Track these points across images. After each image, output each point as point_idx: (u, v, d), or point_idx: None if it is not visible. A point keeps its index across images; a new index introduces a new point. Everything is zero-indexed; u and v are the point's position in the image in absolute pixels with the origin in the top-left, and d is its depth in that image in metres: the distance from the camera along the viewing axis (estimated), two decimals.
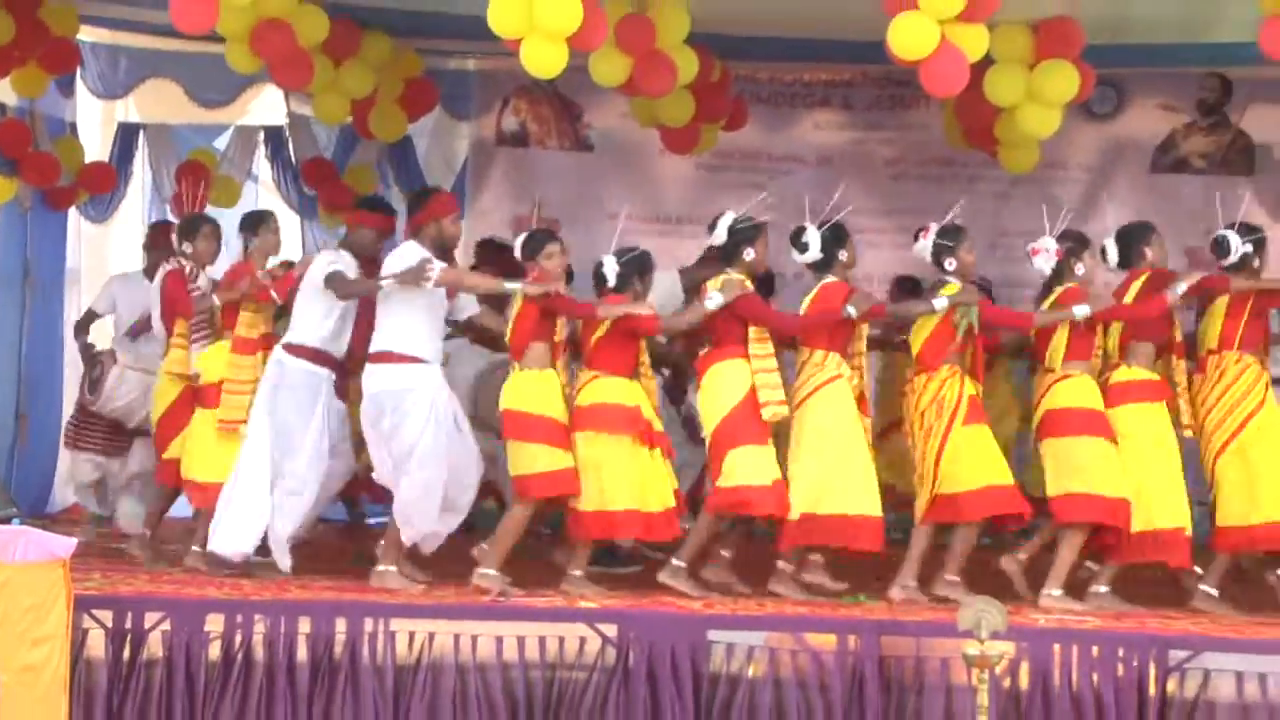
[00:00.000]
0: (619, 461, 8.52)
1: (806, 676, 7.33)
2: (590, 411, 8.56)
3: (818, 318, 8.62)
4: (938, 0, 7.76)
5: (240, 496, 8.66)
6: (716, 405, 8.59)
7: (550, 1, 7.86)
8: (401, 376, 8.48)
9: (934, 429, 8.57)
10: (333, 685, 7.42)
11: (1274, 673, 7.17)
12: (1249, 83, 11.68)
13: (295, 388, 8.70)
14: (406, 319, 8.49)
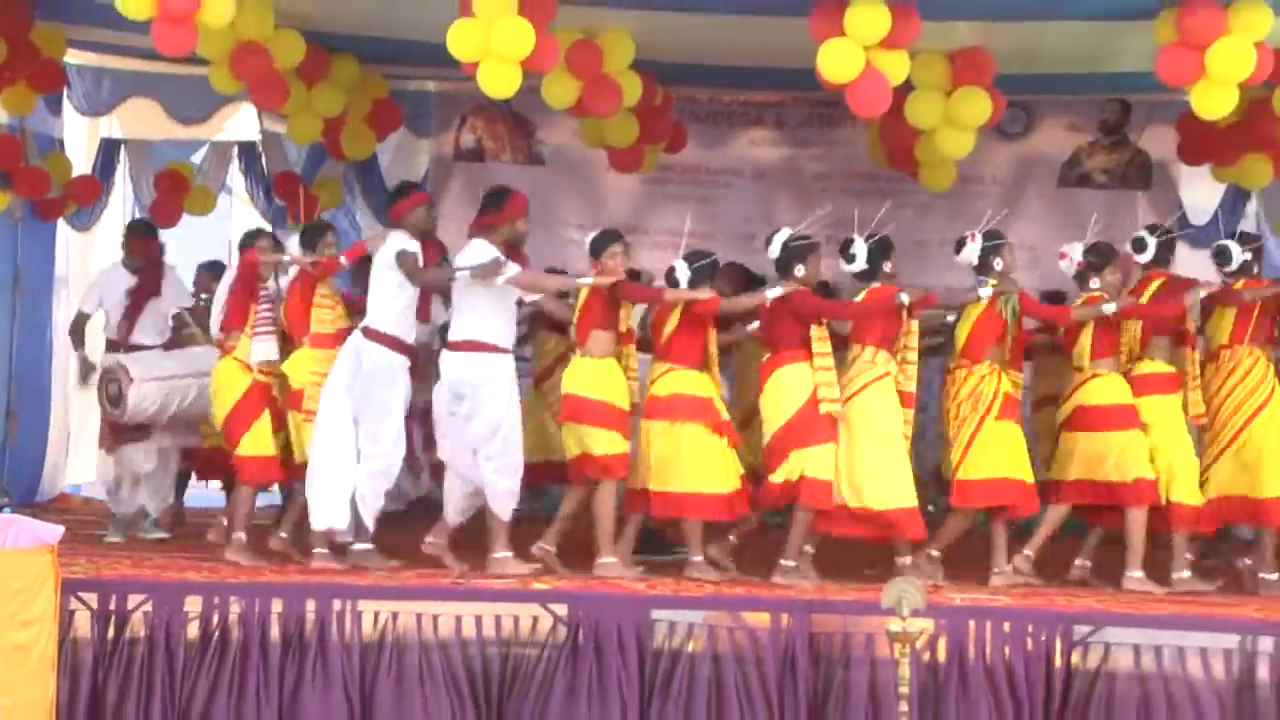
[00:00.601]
0: (692, 448, 8.50)
1: (743, 651, 7.33)
2: (666, 401, 8.54)
3: (874, 305, 8.57)
4: (863, 27, 7.79)
5: (324, 475, 8.48)
6: (781, 407, 8.53)
7: (505, 28, 7.88)
8: (482, 364, 8.43)
9: (968, 420, 8.60)
10: (303, 662, 7.39)
11: (1168, 645, 7.22)
12: (1146, 105, 11.73)
13: (376, 372, 8.49)
14: (484, 310, 8.45)
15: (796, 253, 8.61)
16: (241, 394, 8.73)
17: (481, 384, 8.40)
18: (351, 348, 8.54)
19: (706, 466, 8.51)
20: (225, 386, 8.82)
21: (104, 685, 7.37)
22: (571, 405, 8.58)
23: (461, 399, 8.44)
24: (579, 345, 8.65)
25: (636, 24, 8.70)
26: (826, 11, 7.86)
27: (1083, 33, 8.64)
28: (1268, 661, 7.16)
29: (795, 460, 8.45)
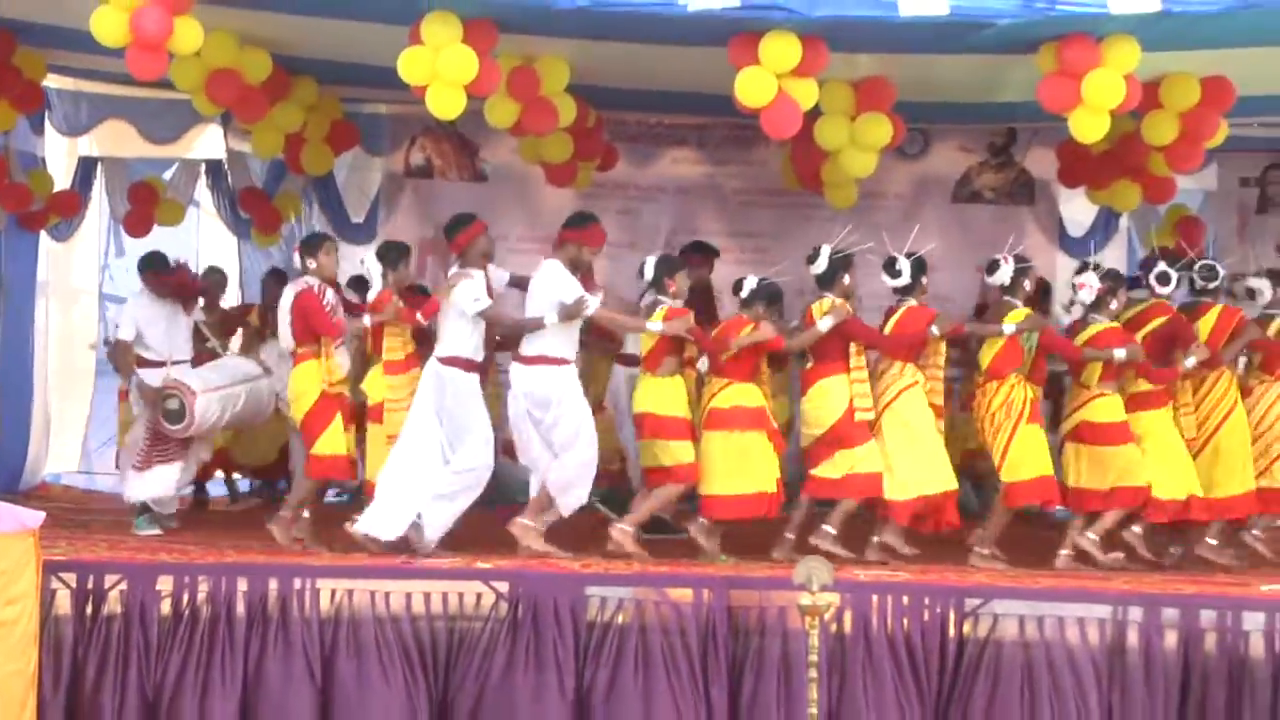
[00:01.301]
0: (749, 454, 8.57)
1: (668, 623, 7.35)
2: (726, 413, 8.58)
3: (909, 337, 8.74)
4: (776, 58, 7.81)
5: (393, 492, 8.46)
6: (824, 413, 8.69)
7: (450, 55, 7.87)
8: (556, 377, 8.47)
9: (1003, 426, 8.71)
10: (266, 635, 7.36)
11: (1049, 616, 7.30)
12: (1030, 130, 11.80)
13: (458, 394, 8.52)
14: (556, 328, 8.47)
15: (841, 264, 8.81)
16: (316, 399, 8.64)
17: (559, 396, 8.47)
18: (433, 373, 8.55)
19: (764, 470, 8.62)
20: (303, 391, 8.72)
21: (84, 659, 7.32)
22: (647, 422, 8.65)
23: (546, 408, 8.48)
24: (649, 368, 8.71)
25: (571, 51, 8.67)
26: (743, 43, 7.87)
27: (973, 65, 8.69)
28: (1136, 629, 7.26)
29: (841, 459, 8.62)
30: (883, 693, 7.21)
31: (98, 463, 12.03)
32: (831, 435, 8.66)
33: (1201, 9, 7.51)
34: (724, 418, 8.60)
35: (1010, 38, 7.90)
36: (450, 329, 8.61)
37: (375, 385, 8.73)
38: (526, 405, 8.53)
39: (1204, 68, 8.57)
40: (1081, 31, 7.78)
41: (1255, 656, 7.20)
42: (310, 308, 8.70)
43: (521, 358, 8.57)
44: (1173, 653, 7.24)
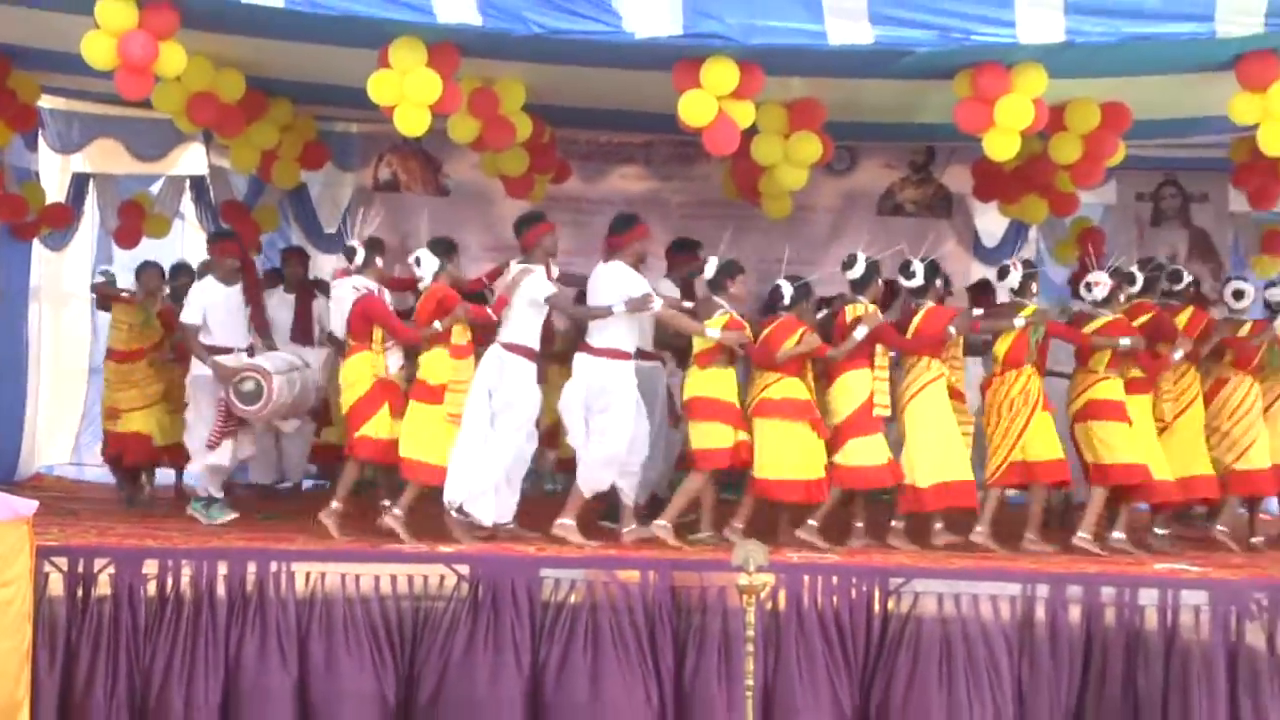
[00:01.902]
0: (795, 441, 8.54)
1: (616, 602, 7.33)
2: (776, 404, 8.55)
3: (931, 336, 8.74)
4: (716, 81, 7.82)
5: (467, 462, 8.36)
6: (846, 403, 8.68)
7: (416, 78, 7.85)
8: (617, 370, 8.42)
9: (1020, 413, 8.75)
10: (245, 616, 7.30)
11: (964, 594, 7.33)
12: (948, 148, 11.84)
13: (514, 377, 8.44)
14: (622, 325, 8.45)
15: (874, 270, 8.89)
16: (369, 387, 8.51)
17: (614, 386, 8.41)
18: (495, 356, 8.48)
19: (812, 457, 8.59)
20: (356, 380, 8.58)
21: (77, 638, 7.25)
22: (699, 406, 8.60)
23: (600, 395, 8.41)
24: (700, 364, 8.64)
25: (527, 73, 8.65)
26: (686, 68, 7.87)
27: (895, 88, 8.71)
28: (1043, 605, 7.30)
29: (854, 447, 8.61)
30: (814, 665, 7.22)
31: (88, 455, 11.90)
32: (848, 422, 8.66)
33: (1101, 40, 7.54)
34: (774, 408, 8.57)
35: (929, 65, 7.92)
36: (515, 318, 8.49)
37: (436, 366, 8.53)
38: (585, 394, 8.47)
39: (1104, 94, 8.65)
40: (993, 60, 7.81)
41: (1149, 629, 7.25)
42: (377, 311, 8.61)
43: (590, 349, 8.49)
44: (1076, 626, 7.28)
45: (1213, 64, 7.93)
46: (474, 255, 11.15)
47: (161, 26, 7.64)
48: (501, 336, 8.52)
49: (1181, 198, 12.09)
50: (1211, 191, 11.94)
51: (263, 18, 7.63)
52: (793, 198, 10.13)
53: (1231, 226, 12.02)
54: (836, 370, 8.77)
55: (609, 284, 8.51)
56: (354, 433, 8.55)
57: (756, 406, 8.61)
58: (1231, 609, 7.19)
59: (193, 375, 9.16)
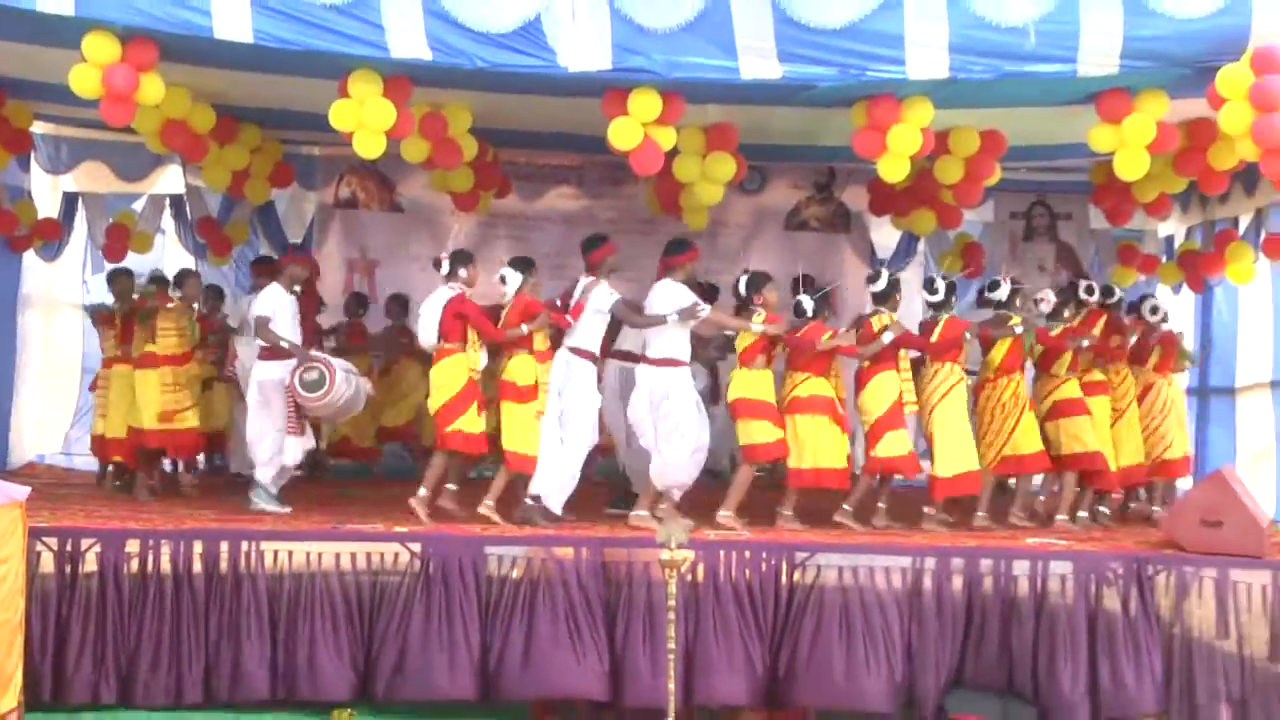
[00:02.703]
0: (824, 435, 8.54)
1: (553, 576, 7.30)
2: (805, 401, 8.56)
3: (950, 343, 8.84)
4: (641, 110, 7.80)
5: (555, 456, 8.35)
6: (877, 402, 8.72)
7: (373, 106, 7.81)
8: (675, 377, 8.35)
9: (1011, 413, 8.97)
10: (221, 590, 7.21)
11: (861, 566, 7.36)
12: (846, 170, 11.91)
13: (578, 377, 8.42)
14: (678, 334, 8.38)
15: (895, 285, 9.00)
16: (461, 387, 8.38)
17: (675, 392, 8.34)
18: (562, 360, 8.44)
19: (837, 449, 8.60)
20: (449, 380, 8.41)
21: (66, 611, 7.13)
22: (743, 406, 8.56)
23: (661, 400, 8.32)
24: (744, 362, 8.63)
25: (472, 100, 8.59)
26: (614, 97, 7.85)
27: (801, 115, 8.72)
28: (930, 575, 7.35)
29: (889, 440, 8.66)
30: (729, 630, 7.22)
31: (76, 446, 11.67)
32: (883, 419, 8.71)
33: (981, 77, 7.59)
34: (804, 404, 8.58)
35: (830, 96, 7.94)
36: (581, 325, 8.46)
37: (523, 368, 8.45)
38: (649, 400, 8.39)
39: (983, 122, 8.72)
40: (886, 93, 7.84)
41: (1022, 595, 7.32)
42: (471, 313, 8.47)
43: (649, 360, 8.43)
44: (959, 593, 7.33)
45: (1076, 98, 8.02)
46: (422, 267, 11.10)
47: (142, 60, 7.57)
48: (568, 342, 8.50)
49: (1049, 216, 12.22)
50: (1075, 211, 12.08)
51: (233, 52, 7.54)
52: (709, 213, 10.14)
53: (1092, 241, 12.16)
54: (867, 375, 8.85)
55: (664, 299, 8.50)
56: (445, 428, 8.38)
57: (790, 404, 8.64)
58: (1091, 577, 7.28)
59: (259, 377, 8.77)
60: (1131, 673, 7.13)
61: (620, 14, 7.44)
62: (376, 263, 11.99)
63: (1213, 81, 7.52)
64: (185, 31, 7.36)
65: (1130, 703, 7.11)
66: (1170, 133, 8.14)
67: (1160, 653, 7.18)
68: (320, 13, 7.31)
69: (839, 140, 8.51)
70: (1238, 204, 10.65)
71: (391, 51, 7.45)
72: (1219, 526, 7.54)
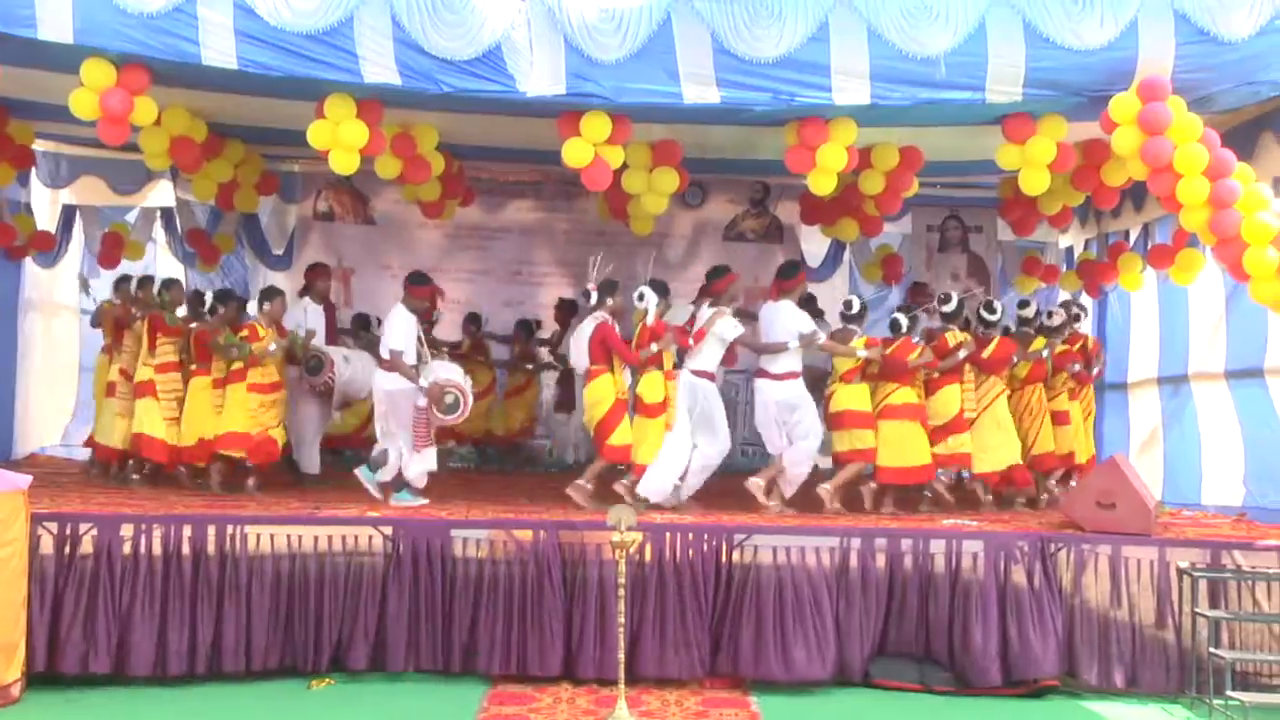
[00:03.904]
0: (912, 437, 8.72)
1: (513, 556, 7.25)
2: (897, 408, 8.73)
3: (1004, 360, 9.20)
4: (593, 131, 7.76)
5: (667, 466, 8.39)
6: (947, 408, 8.95)
7: (347, 126, 7.76)
8: (798, 389, 8.57)
9: (1037, 417, 9.50)
10: (207, 571, 7.11)
11: (793, 546, 7.34)
12: (780, 186, 11.90)
13: (708, 397, 8.52)
14: (793, 354, 8.54)
15: (963, 306, 9.29)
16: (611, 405, 8.43)
17: (800, 401, 8.54)
18: (687, 383, 8.52)
19: (922, 449, 8.77)
20: (601, 399, 8.47)
21: (63, 590, 7.01)
22: (846, 417, 8.70)
23: (792, 411, 8.49)
24: (846, 379, 8.73)
25: (439, 119, 8.50)
26: (568, 120, 7.81)
27: (738, 132, 8.71)
28: (855, 554, 7.34)
29: (951, 442, 8.91)
30: (674, 606, 7.18)
31: (75, 438, 11.44)
32: (947, 426, 8.92)
33: (899, 103, 7.60)
34: (896, 411, 8.72)
35: (764, 118, 7.93)
36: (704, 350, 8.54)
37: (654, 387, 8.48)
38: (775, 411, 8.51)
39: (902, 140, 8.74)
40: (814, 115, 7.85)
41: (938, 571, 7.34)
42: (611, 339, 8.49)
43: (770, 375, 8.54)
44: (881, 570, 7.34)
45: (985, 120, 8.05)
46: (394, 274, 10.98)
47: (136, 84, 7.46)
48: (691, 365, 8.56)
49: (962, 229, 12.25)
50: (984, 224, 12.13)
51: (219, 76, 7.43)
52: (654, 225, 10.11)
53: (999, 252, 12.23)
54: (937, 384, 8.99)
55: (784, 320, 8.58)
56: (605, 440, 8.45)
57: (882, 410, 8.77)
58: (1001, 554, 7.31)
59: (388, 389, 8.52)
60: (1036, 639, 7.17)
61: (573, 45, 7.42)
62: (352, 272, 11.86)
63: (1106, 108, 7.60)
64: (175, 58, 7.26)
65: (1035, 665, 7.15)
66: (1069, 152, 8.21)
67: (1062, 621, 7.23)
68: (299, 41, 7.24)
69: (772, 154, 8.50)
70: (1128, 218, 10.76)
71: (364, 77, 7.37)
72: (1112, 508, 7.59)
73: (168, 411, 9.13)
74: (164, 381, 9.17)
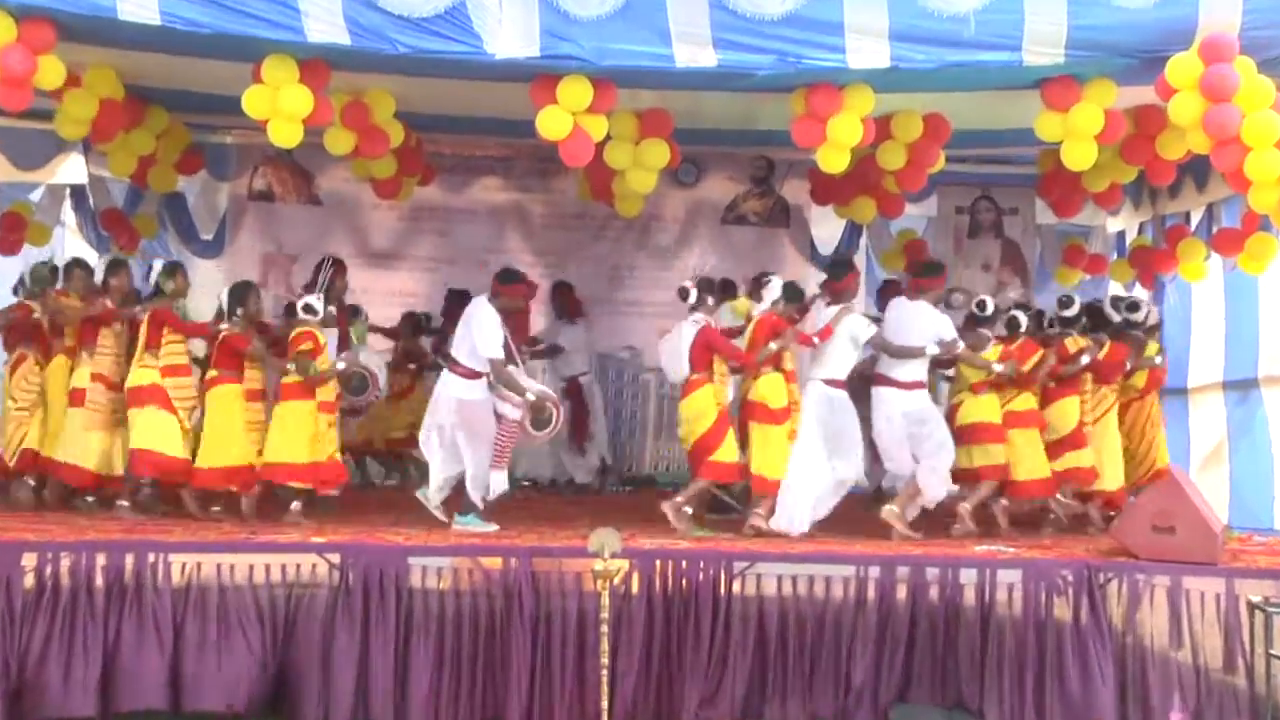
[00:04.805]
0: (1034, 447, 9.09)
1: (479, 588, 7.23)
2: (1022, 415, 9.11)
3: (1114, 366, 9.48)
4: (571, 98, 7.74)
5: (803, 490, 8.46)
6: (1064, 421, 9.28)
7: (288, 92, 7.69)
8: (924, 398, 8.82)
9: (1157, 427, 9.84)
10: (123, 605, 7.04)
11: (801, 575, 7.35)
12: (786, 162, 11.90)
13: (841, 409, 8.58)
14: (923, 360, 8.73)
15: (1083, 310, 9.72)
16: (714, 420, 8.54)
17: (929, 410, 8.79)
18: (820, 395, 8.58)
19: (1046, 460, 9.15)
20: (702, 413, 8.57)
21: None
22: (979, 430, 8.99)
23: (923, 424, 8.67)
24: (976, 390, 9.07)
25: (395, 84, 8.46)
26: (543, 85, 7.77)
27: (737, 99, 8.68)
28: (874, 585, 7.33)
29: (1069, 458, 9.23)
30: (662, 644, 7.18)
31: None
32: (1068, 439, 9.23)
33: (923, 66, 7.60)
34: (1020, 419, 9.07)
35: (767, 84, 7.92)
36: (835, 355, 8.62)
37: (775, 390, 8.54)
38: (902, 425, 8.65)
39: (926, 106, 8.71)
40: (826, 81, 7.83)
41: (969, 605, 7.33)
42: (718, 343, 8.67)
43: (897, 383, 8.66)
44: (903, 604, 7.33)
45: (1022, 85, 8.05)
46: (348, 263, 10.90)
47: (39, 41, 7.37)
48: (821, 374, 8.63)
49: (995, 211, 12.26)
50: (1021, 206, 12.14)
51: (139, 32, 7.37)
52: (643, 206, 10.10)
53: (1038, 239, 12.24)
54: (1054, 395, 9.31)
55: (923, 323, 8.72)
56: (707, 458, 8.54)
57: (1004, 419, 9.06)
58: (1041, 586, 7.30)
59: (462, 399, 8.51)
60: (1082, 684, 7.16)
61: (548, 0, 7.39)
62: (294, 260, 11.83)
63: (1162, 70, 7.58)
64: (87, 12, 7.21)
65: (1080, 715, 7.14)
66: (1119, 121, 8.18)
67: (1112, 664, 7.21)
68: None
69: (777, 125, 8.48)
70: (1189, 198, 10.75)
71: (309, 35, 7.34)
72: (1171, 532, 7.58)
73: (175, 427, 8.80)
74: (176, 388, 8.86)
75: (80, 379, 9.14)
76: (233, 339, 8.84)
